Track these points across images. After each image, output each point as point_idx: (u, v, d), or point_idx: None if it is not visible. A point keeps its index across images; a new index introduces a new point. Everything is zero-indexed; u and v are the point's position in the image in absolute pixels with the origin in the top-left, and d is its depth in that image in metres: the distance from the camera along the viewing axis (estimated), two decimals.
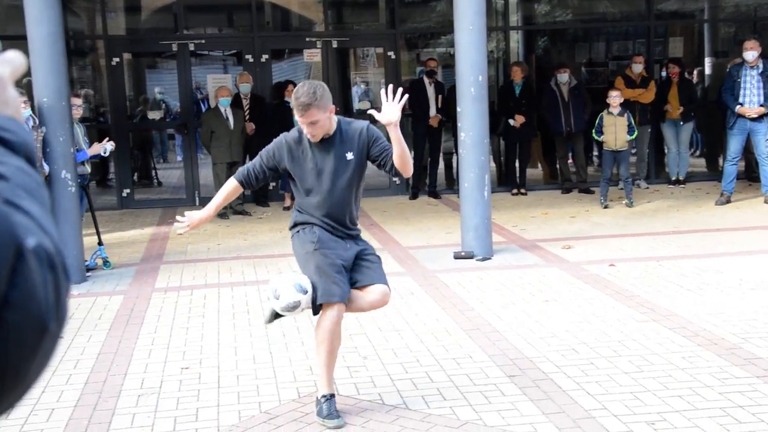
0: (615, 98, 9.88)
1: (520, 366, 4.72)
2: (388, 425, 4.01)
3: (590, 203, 10.26)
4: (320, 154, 4.09)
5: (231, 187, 4.32)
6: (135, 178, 12.12)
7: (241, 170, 4.28)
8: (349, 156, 4.10)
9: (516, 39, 13.36)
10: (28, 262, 0.66)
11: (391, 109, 4.02)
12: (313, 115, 3.92)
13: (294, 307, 3.97)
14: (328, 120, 4.01)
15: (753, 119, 9.58)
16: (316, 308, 4.02)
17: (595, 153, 12.56)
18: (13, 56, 0.82)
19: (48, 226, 0.71)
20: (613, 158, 10.02)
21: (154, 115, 12.37)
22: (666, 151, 11.68)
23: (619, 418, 3.97)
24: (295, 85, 10.80)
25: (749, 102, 9.61)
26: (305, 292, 3.95)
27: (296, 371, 4.76)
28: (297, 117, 3.96)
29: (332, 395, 4.11)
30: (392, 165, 4.10)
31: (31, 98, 6.91)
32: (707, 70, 13.14)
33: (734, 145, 9.78)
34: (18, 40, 7.01)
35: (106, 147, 7.60)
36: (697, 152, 13.27)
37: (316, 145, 4.08)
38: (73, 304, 6.43)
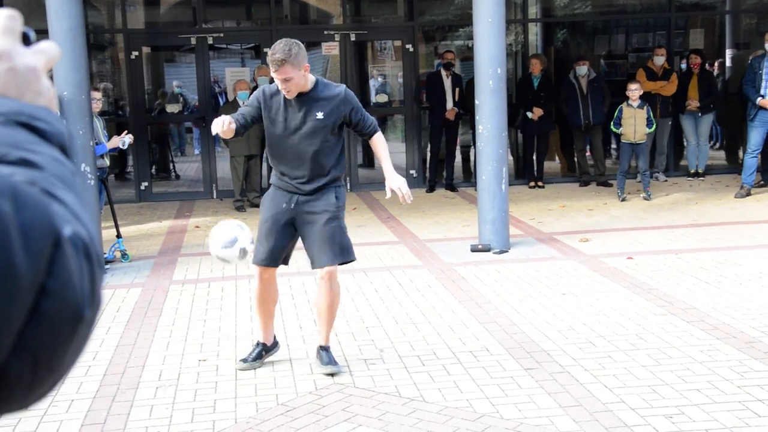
0: (635, 91, 9.81)
1: (537, 359, 4.71)
2: (404, 417, 4.01)
3: (608, 196, 10.21)
4: (291, 109, 4.41)
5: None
6: (153, 171, 12.19)
7: (235, 116, 4.43)
8: (319, 115, 4.38)
9: (535, 32, 13.29)
10: (65, 251, 0.67)
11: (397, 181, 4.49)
12: (287, 72, 4.20)
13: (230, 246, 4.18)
14: (302, 77, 4.28)
15: None
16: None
17: (613, 146, 12.50)
18: (48, 46, 0.82)
19: (83, 215, 0.72)
20: (631, 151, 9.96)
21: (172, 108, 12.41)
22: (685, 143, 11.60)
23: (636, 411, 3.96)
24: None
25: None
26: (234, 242, 4.18)
27: (313, 364, 4.77)
28: (272, 72, 4.24)
29: (264, 344, 4.74)
30: (368, 137, 4.61)
31: None
32: (728, 62, 13.02)
33: (755, 137, 9.69)
34: (39, 34, 7.02)
35: (125, 140, 7.64)
36: (717, 144, 13.15)
37: (291, 100, 4.39)
38: None
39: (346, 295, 6.17)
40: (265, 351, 4.78)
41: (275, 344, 4.86)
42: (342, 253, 4.48)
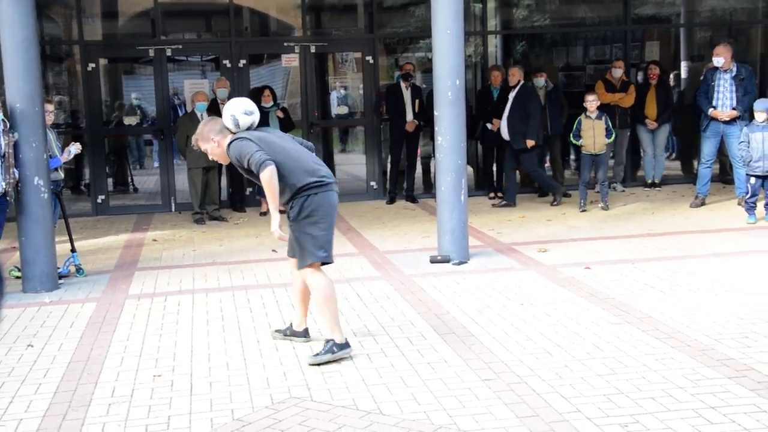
0: (592, 102, 9.92)
1: (494, 369, 4.71)
2: (361, 431, 3.98)
3: (567, 207, 10.29)
4: None
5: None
6: (111, 184, 12.03)
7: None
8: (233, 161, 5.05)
9: (495, 43, 13.39)
10: None
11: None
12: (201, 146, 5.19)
13: None
14: (215, 148, 5.08)
15: (726, 122, 9.65)
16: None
17: (573, 157, 12.61)
18: None
19: None
20: (591, 161, 10.06)
21: (130, 120, 12.29)
22: (642, 154, 11.75)
23: (592, 421, 3.97)
24: (271, 89, 10.83)
25: (722, 105, 9.68)
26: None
27: (270, 377, 4.73)
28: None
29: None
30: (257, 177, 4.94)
31: (3, 103, 6.83)
32: (683, 74, 13.23)
33: (708, 147, 9.86)
34: None
35: (71, 150, 7.54)
36: (673, 155, 13.34)
37: None
38: (45, 312, 6.36)
39: None
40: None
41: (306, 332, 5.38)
42: (300, 257, 5.00)
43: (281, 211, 4.90)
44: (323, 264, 5.02)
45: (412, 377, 4.65)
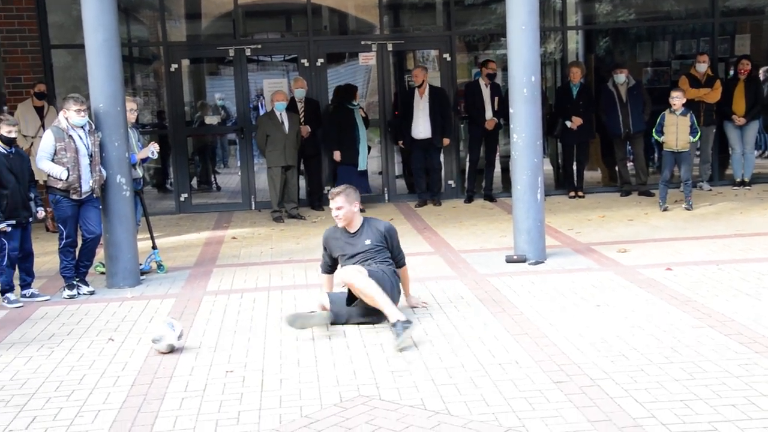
0: (676, 99, 9.61)
1: (567, 372, 4.60)
2: (428, 431, 3.94)
3: (649, 206, 10.02)
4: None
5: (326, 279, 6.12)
6: (194, 183, 12.30)
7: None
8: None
9: (575, 39, 13.14)
10: None
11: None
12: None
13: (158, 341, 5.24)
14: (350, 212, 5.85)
15: None
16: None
17: (656, 155, 12.27)
18: None
19: None
20: (673, 159, 9.75)
21: (212, 120, 12.53)
22: (730, 151, 11.33)
23: (668, 427, 3.83)
24: (355, 87, 10.92)
25: None
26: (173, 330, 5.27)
27: (339, 375, 4.73)
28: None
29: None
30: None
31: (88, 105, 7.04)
32: None
33: None
34: (83, 48, 7.16)
35: (152, 149, 7.70)
36: (764, 153, 12.84)
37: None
38: (126, 306, 6.53)
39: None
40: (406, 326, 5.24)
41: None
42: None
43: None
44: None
45: (482, 378, 4.59)
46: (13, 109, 10.21)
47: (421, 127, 10.78)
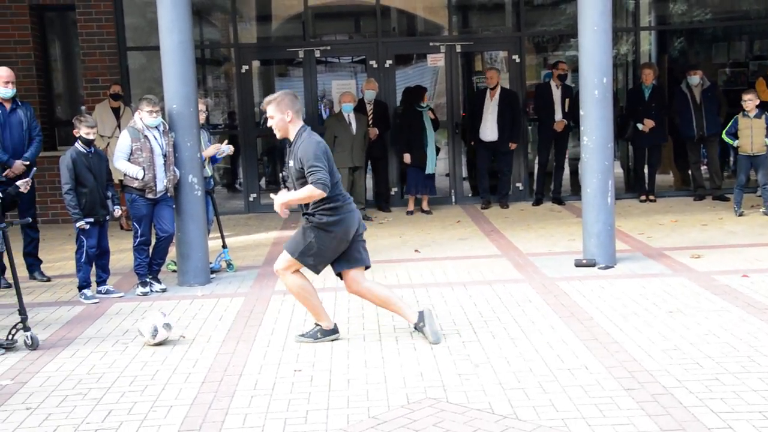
0: (749, 101, 9.36)
1: (638, 379, 4.52)
2: None
3: (724, 211, 9.77)
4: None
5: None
6: (263, 183, 12.46)
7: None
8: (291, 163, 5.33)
9: (649, 40, 12.89)
10: None
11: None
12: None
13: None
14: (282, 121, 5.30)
15: None
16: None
17: (732, 158, 11.96)
18: None
19: None
20: (749, 163, 9.49)
21: None
22: None
23: None
24: (424, 89, 10.93)
25: None
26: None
27: (407, 376, 4.73)
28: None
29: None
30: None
31: (162, 106, 7.19)
32: None
33: None
34: (157, 50, 7.33)
35: (224, 149, 7.81)
36: None
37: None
38: (197, 305, 6.65)
39: (443, 308, 6.13)
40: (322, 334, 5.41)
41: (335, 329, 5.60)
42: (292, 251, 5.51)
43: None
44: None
45: (551, 383, 4.53)
46: (91, 110, 10.51)
47: (489, 130, 10.73)
